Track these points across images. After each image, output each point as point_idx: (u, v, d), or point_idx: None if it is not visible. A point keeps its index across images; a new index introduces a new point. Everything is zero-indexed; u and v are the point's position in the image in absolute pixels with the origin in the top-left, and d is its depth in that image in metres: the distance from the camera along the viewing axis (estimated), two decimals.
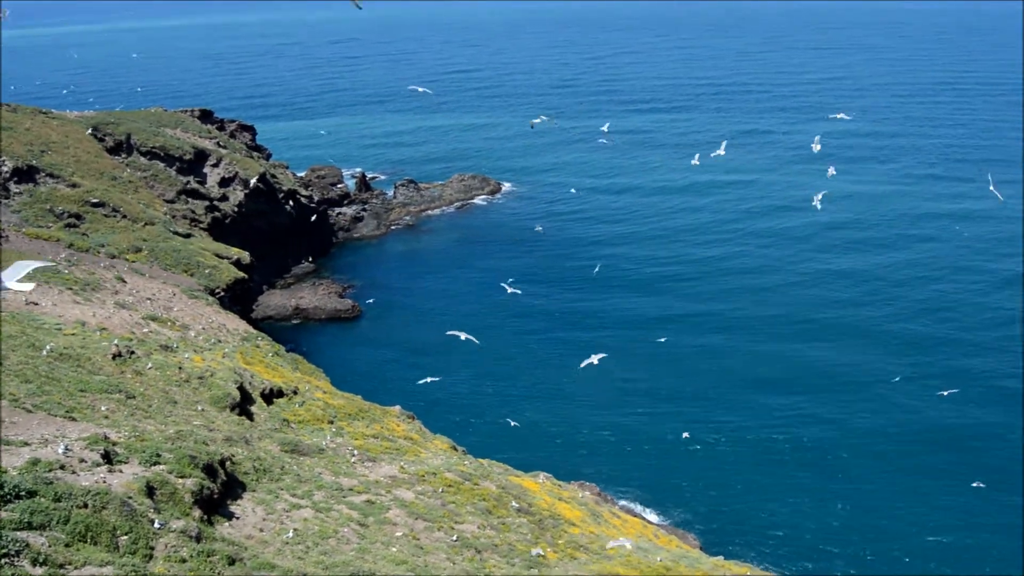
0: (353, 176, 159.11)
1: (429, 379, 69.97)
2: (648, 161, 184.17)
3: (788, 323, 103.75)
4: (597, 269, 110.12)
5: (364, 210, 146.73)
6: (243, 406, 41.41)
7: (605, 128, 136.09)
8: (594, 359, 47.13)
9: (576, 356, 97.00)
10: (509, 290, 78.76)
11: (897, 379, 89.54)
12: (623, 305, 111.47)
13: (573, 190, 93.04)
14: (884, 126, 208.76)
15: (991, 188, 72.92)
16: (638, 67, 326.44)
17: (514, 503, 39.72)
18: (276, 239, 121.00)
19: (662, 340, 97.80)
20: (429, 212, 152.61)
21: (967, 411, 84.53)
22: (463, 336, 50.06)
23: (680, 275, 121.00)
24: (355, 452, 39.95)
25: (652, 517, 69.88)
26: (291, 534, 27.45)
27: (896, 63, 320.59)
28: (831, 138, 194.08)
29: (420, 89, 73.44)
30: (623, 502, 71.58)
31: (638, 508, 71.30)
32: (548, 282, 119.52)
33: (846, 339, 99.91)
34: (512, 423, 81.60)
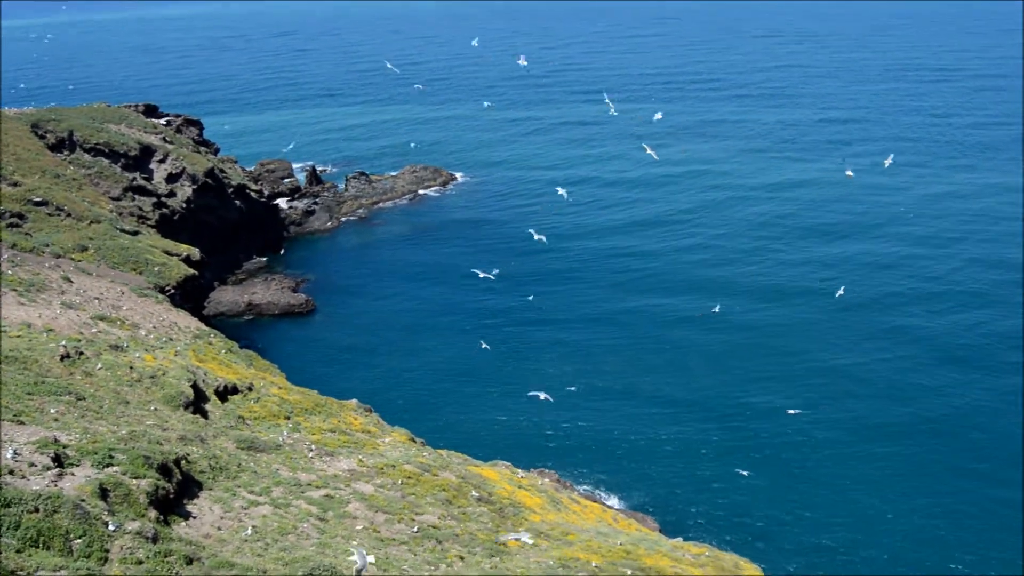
0: (303, 169, 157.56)
1: (386, 371, 69.68)
2: (601, 151, 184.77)
3: (747, 313, 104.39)
4: (552, 262, 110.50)
5: (315, 203, 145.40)
6: (197, 404, 40.88)
7: (607, 103, 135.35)
8: (541, 395, 47.59)
9: (532, 347, 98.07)
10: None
11: (854, 367, 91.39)
12: (578, 297, 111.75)
13: (561, 190, 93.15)
14: (836, 113, 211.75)
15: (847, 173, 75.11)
16: (590, 57, 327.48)
17: (474, 492, 39.82)
18: (226, 234, 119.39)
19: (619, 332, 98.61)
20: (381, 204, 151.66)
21: (925, 400, 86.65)
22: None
23: (636, 268, 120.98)
24: (312, 447, 39.70)
25: (611, 502, 70.53)
26: (250, 531, 27.22)
27: (844, 52, 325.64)
28: (785, 127, 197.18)
29: (390, 65, 72.15)
30: (582, 488, 72.13)
31: (598, 493, 71.90)
32: (503, 275, 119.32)
33: (802, 327, 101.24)
34: (470, 413, 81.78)
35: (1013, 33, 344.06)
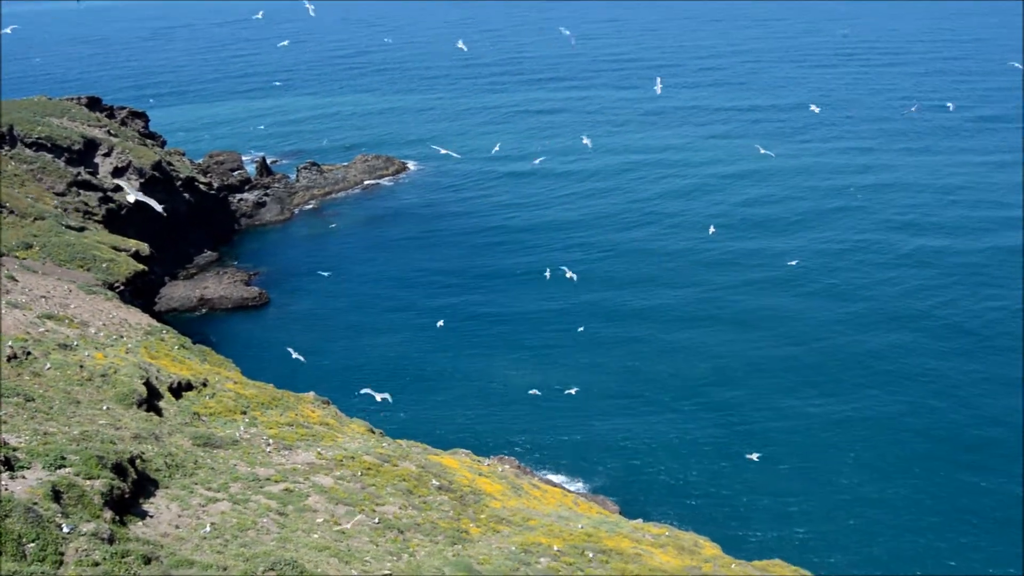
0: (253, 161, 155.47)
1: (343, 363, 69.32)
2: (553, 139, 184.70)
3: (696, 301, 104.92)
4: (506, 252, 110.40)
5: (266, 195, 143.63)
6: (151, 402, 40.27)
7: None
8: (377, 396, 45.69)
9: (488, 337, 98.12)
10: (436, 267, 78.47)
11: (814, 354, 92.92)
12: (533, 288, 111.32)
13: (515, 179, 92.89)
14: (786, 99, 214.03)
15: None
16: (540, 44, 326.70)
17: (434, 481, 39.85)
18: (176, 229, 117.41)
19: (575, 322, 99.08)
20: (334, 195, 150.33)
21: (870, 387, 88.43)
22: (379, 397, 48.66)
23: (593, 259, 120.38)
24: (270, 441, 39.37)
25: (572, 486, 71.04)
26: (208, 528, 26.95)
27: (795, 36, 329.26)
28: (737, 113, 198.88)
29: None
30: (543, 473, 72.55)
31: (558, 478, 72.36)
32: (457, 266, 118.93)
33: (747, 312, 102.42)
34: (429, 402, 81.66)
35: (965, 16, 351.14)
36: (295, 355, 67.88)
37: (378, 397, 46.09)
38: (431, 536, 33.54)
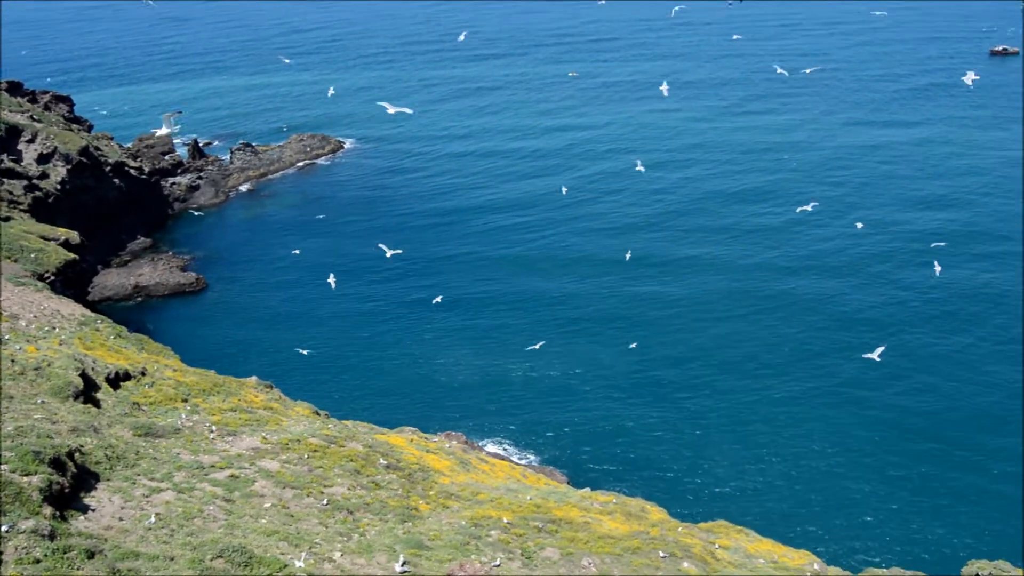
0: (185, 143, 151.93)
1: (285, 346, 68.66)
2: (494, 112, 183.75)
3: (639, 281, 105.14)
4: (446, 230, 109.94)
5: (200, 178, 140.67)
6: (87, 393, 39.44)
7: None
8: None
9: (429, 313, 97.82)
10: (384, 250, 78.00)
11: (740, 314, 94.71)
12: (475, 264, 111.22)
13: (454, 156, 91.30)
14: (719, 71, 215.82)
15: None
16: (479, 19, 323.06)
17: (382, 460, 39.86)
18: (107, 215, 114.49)
19: (518, 298, 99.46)
20: (270, 176, 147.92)
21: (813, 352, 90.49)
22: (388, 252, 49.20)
23: (532, 239, 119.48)
24: (213, 428, 38.91)
25: (520, 459, 71.69)
26: (153, 519, 26.63)
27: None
28: (679, 87, 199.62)
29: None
30: (490, 448, 73.05)
31: (505, 451, 72.94)
32: (398, 244, 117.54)
33: (692, 275, 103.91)
34: (373, 382, 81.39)
35: None
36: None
37: (388, 253, 46.26)
38: (381, 515, 33.61)
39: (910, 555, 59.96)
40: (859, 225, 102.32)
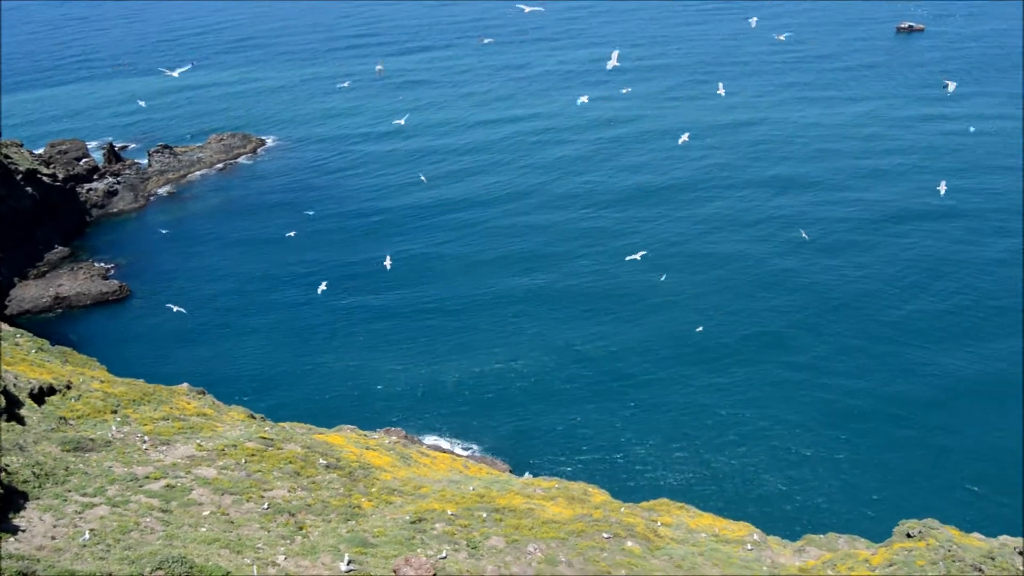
0: (100, 148, 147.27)
1: (216, 351, 67.36)
2: (418, 110, 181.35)
3: (575, 272, 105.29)
4: (371, 226, 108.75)
5: (118, 183, 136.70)
6: (10, 411, 38.09)
7: (379, 67, 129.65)
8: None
9: (360, 310, 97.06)
10: (291, 233, 76.65)
11: (674, 304, 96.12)
12: (402, 259, 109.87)
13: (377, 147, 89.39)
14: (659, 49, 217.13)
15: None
16: (397, 12, 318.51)
17: (322, 460, 39.47)
18: (20, 225, 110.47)
19: (450, 290, 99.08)
20: (190, 177, 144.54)
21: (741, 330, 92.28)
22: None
23: (450, 239, 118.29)
24: (146, 438, 38.00)
25: (461, 450, 71.74)
26: (88, 536, 25.94)
27: None
28: (605, 73, 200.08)
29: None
30: (431, 441, 72.93)
31: (446, 444, 72.90)
32: (323, 241, 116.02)
33: (626, 269, 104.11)
34: (308, 382, 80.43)
35: None
36: (175, 308, 64.42)
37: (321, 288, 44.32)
38: (323, 515, 33.32)
39: (845, 520, 61.86)
40: (803, 233, 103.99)
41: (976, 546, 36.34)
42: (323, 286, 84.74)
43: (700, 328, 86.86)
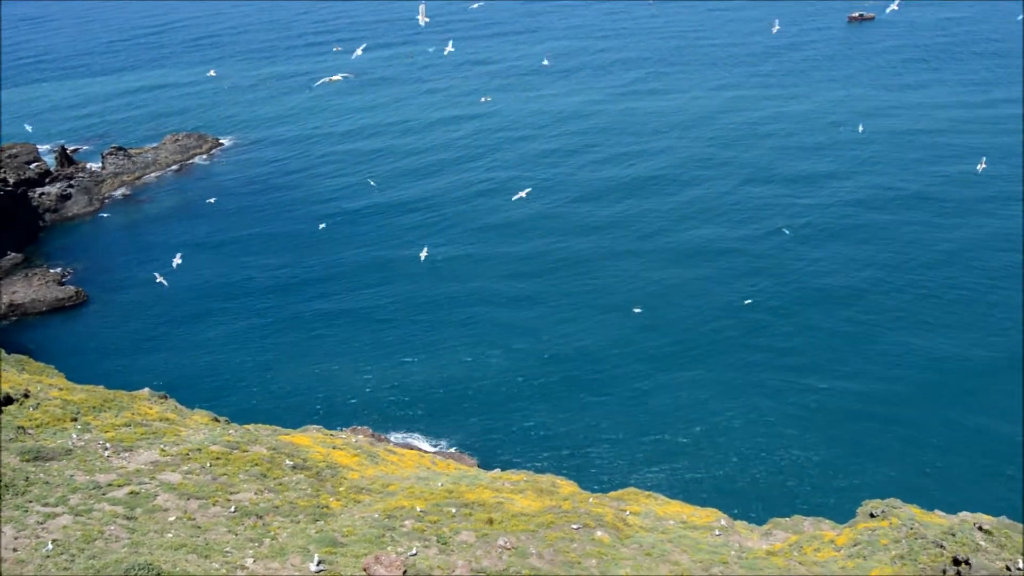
0: (52, 151, 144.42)
1: (177, 355, 66.53)
2: (375, 101, 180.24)
3: (531, 261, 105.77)
4: (323, 226, 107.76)
5: (71, 186, 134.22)
6: None
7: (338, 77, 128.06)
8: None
9: (320, 312, 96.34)
10: (250, 234, 75.87)
11: (635, 299, 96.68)
12: (361, 257, 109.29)
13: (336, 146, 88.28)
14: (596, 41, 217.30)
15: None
16: (354, 9, 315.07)
17: (288, 461, 39.18)
18: None
19: (407, 289, 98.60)
20: (146, 179, 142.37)
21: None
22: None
23: (421, 223, 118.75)
24: (108, 445, 37.42)
25: (428, 447, 71.65)
26: (51, 546, 25.52)
27: None
28: (554, 56, 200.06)
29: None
30: (398, 439, 72.74)
31: (414, 441, 72.75)
32: (280, 245, 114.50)
33: (587, 266, 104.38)
34: (272, 383, 79.74)
35: None
36: (159, 279, 63.23)
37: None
38: (291, 517, 33.10)
39: (810, 503, 62.80)
40: (784, 230, 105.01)
41: (937, 523, 37.09)
42: (272, 301, 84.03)
43: (663, 322, 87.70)
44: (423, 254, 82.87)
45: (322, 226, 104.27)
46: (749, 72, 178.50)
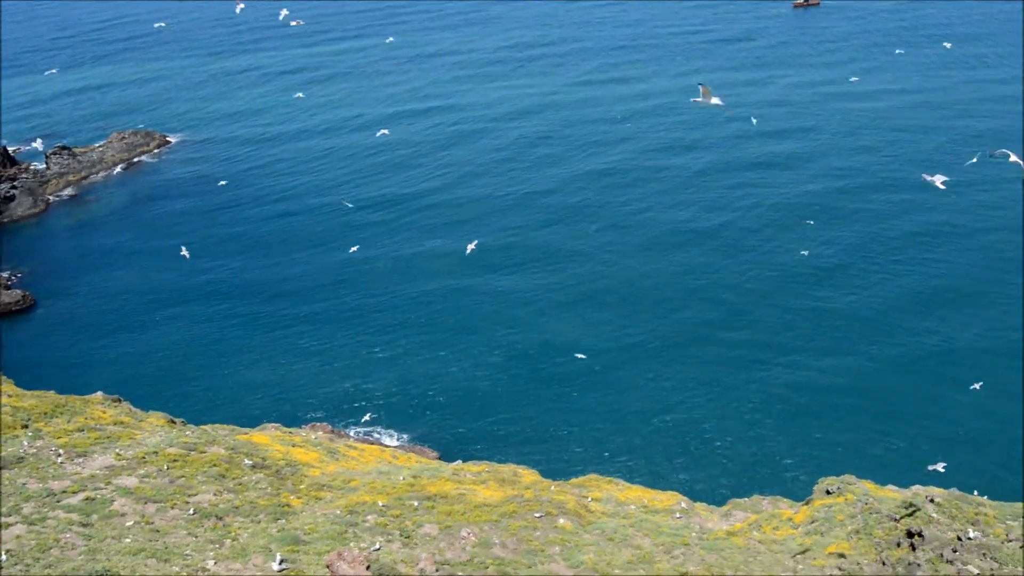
0: None
1: (130, 357, 65.45)
2: (328, 97, 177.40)
3: (491, 254, 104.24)
4: (282, 224, 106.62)
5: (14, 188, 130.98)
6: None
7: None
8: None
9: (272, 311, 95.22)
10: (185, 253, 75.19)
11: (593, 289, 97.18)
12: (313, 256, 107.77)
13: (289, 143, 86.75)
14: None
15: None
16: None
17: (247, 461, 38.81)
18: None
19: (360, 286, 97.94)
20: (92, 179, 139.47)
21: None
22: None
23: (376, 220, 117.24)
24: (60, 451, 36.76)
25: (389, 441, 71.46)
26: (4, 557, 25.05)
27: None
28: (506, 50, 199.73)
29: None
30: (357, 433, 72.46)
31: (374, 435, 72.52)
32: (233, 244, 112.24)
33: (541, 261, 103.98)
34: (228, 383, 78.90)
35: None
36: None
37: None
38: (252, 516, 32.84)
39: (769, 483, 63.80)
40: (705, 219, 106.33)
41: (891, 497, 37.97)
42: (225, 301, 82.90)
43: (621, 313, 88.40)
44: (374, 252, 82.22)
45: (274, 226, 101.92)
46: (702, 64, 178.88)
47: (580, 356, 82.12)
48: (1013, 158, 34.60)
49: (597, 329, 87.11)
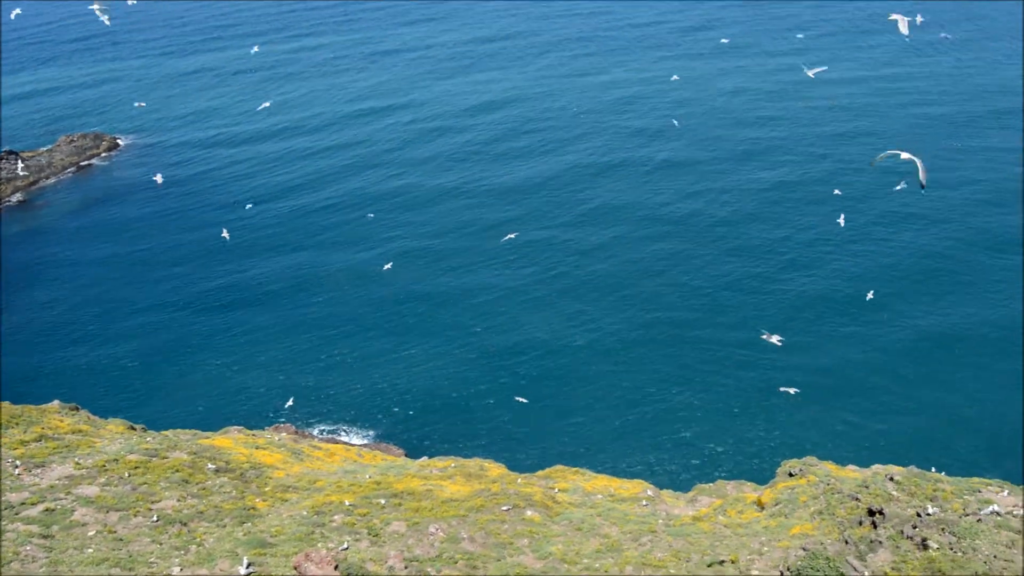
0: None
1: (87, 364, 64.21)
2: (285, 96, 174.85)
3: (457, 252, 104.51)
4: (243, 223, 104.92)
5: None
6: None
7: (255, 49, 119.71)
8: None
9: (232, 313, 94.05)
10: (156, 239, 73.66)
11: (560, 285, 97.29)
12: (277, 257, 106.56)
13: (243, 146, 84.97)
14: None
15: None
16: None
17: (210, 465, 38.42)
18: None
19: (323, 287, 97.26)
20: (42, 183, 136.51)
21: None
22: None
23: (337, 221, 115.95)
24: (18, 463, 36.08)
25: (355, 440, 71.10)
26: None
27: None
28: (457, 44, 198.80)
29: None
30: (322, 433, 72.04)
31: (339, 435, 72.11)
32: (188, 248, 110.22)
33: (503, 257, 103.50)
34: (189, 386, 77.90)
35: None
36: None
37: None
38: (217, 521, 32.54)
39: (733, 468, 64.58)
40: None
41: (852, 477, 38.65)
42: (182, 304, 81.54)
43: (585, 309, 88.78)
44: (333, 255, 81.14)
45: (227, 231, 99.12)
46: (665, 54, 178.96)
47: (542, 353, 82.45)
48: (905, 156, 34.82)
49: (561, 325, 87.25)
